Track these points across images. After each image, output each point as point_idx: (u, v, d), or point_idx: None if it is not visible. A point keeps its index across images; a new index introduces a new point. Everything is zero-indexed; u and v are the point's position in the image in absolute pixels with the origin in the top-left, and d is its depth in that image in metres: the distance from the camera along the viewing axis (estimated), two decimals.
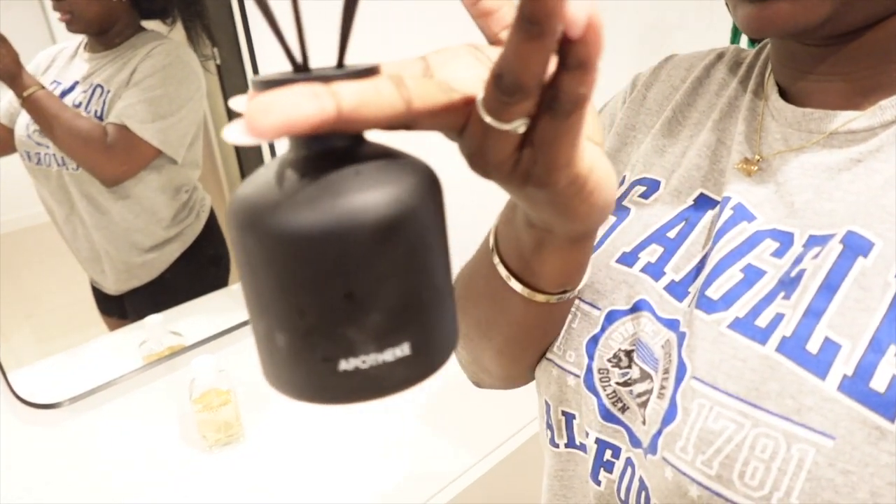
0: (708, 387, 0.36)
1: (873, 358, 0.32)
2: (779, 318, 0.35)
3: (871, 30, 0.37)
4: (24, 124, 0.83)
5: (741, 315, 0.36)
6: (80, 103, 0.85)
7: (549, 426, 0.47)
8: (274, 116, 0.18)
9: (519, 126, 0.23)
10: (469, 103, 0.23)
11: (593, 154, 0.27)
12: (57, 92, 0.84)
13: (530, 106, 0.22)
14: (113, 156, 0.88)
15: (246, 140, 0.19)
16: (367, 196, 0.19)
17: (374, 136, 0.23)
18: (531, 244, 0.35)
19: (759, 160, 0.42)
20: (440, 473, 0.81)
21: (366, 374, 0.21)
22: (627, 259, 0.43)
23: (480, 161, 0.25)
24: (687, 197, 0.44)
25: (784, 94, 0.43)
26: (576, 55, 0.21)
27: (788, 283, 0.36)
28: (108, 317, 0.93)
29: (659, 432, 0.37)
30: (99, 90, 0.86)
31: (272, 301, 0.21)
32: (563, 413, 0.45)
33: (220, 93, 0.94)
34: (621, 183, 0.48)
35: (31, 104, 0.82)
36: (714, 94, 0.49)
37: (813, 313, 0.34)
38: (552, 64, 0.21)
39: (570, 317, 0.44)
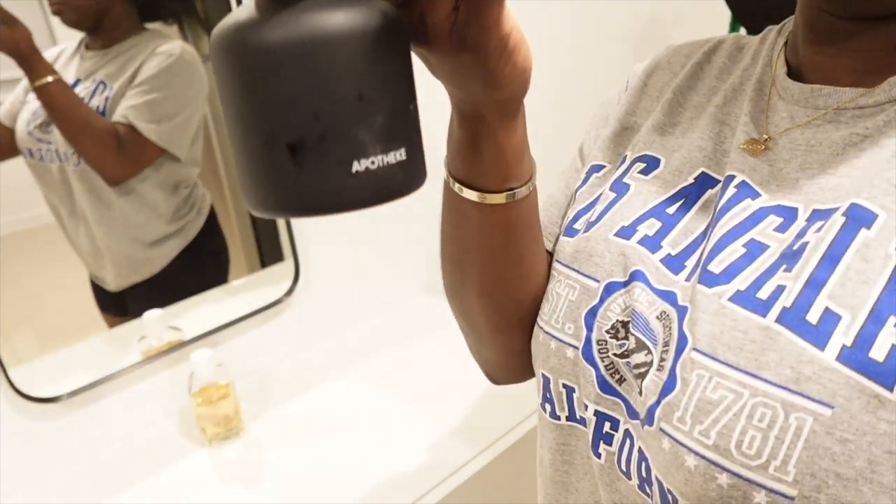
0: (708, 358, 0.36)
1: (873, 328, 0.32)
2: (780, 290, 0.35)
3: None
4: (24, 121, 0.83)
5: (742, 288, 0.37)
6: (83, 98, 0.85)
7: (549, 400, 0.47)
8: None
9: None
10: None
11: (512, 17, 0.32)
12: None
13: None
14: (122, 155, 0.88)
15: None
16: (354, 8, 0.22)
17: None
18: (468, 141, 0.39)
19: (766, 139, 0.42)
20: (440, 466, 0.81)
21: (375, 175, 0.23)
22: (625, 232, 0.44)
23: (422, 27, 0.29)
24: (688, 175, 0.45)
25: (792, 75, 0.43)
26: None
27: (791, 256, 0.36)
28: (107, 314, 0.93)
29: (657, 403, 0.38)
30: (101, 86, 0.86)
31: (283, 111, 0.22)
32: (564, 386, 0.46)
33: (198, 83, 0.94)
34: (622, 162, 0.49)
35: (45, 94, 0.81)
36: (715, 77, 0.49)
37: (814, 284, 0.34)
38: None
39: (567, 290, 0.45)
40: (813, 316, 0.33)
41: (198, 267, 0.99)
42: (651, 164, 0.47)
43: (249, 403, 0.97)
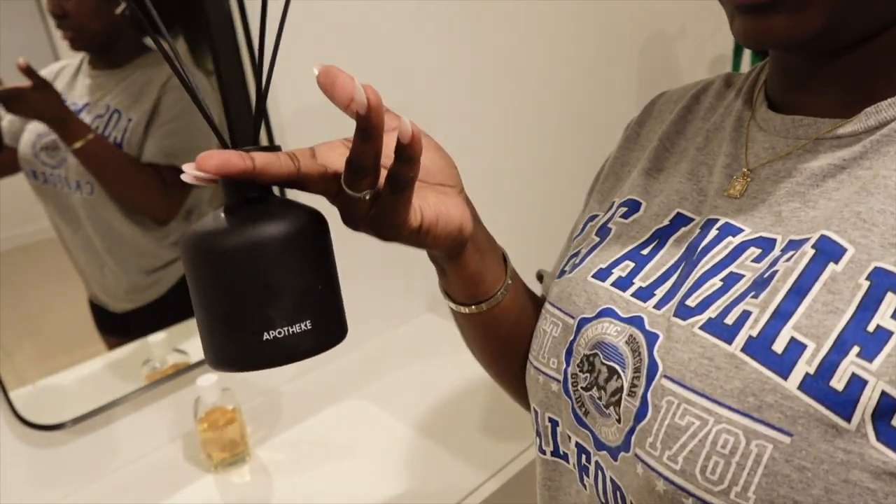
0: (677, 384, 0.37)
1: (836, 357, 0.32)
2: (745, 315, 0.36)
3: (864, 45, 0.37)
4: (29, 142, 0.82)
5: (713, 316, 0.38)
6: (97, 127, 0.84)
7: (539, 433, 0.50)
8: (214, 162, 0.30)
9: (366, 195, 0.35)
10: (336, 176, 0.35)
11: (438, 204, 0.40)
12: None
13: (371, 182, 0.34)
14: (168, 196, 0.90)
15: (193, 178, 0.31)
16: (273, 222, 0.31)
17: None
18: (439, 271, 0.47)
19: (747, 172, 0.43)
20: (447, 493, 0.80)
21: (281, 343, 0.31)
22: (601, 274, 0.46)
23: (345, 217, 0.37)
24: (664, 218, 0.47)
25: (774, 108, 0.44)
26: (405, 153, 0.33)
27: (760, 284, 0.37)
28: (107, 336, 0.91)
29: (632, 430, 0.39)
30: (116, 115, 0.84)
31: (214, 298, 0.31)
32: (550, 420, 0.48)
33: (222, 109, 0.94)
34: (610, 208, 0.51)
35: (84, 154, 0.82)
36: (701, 119, 0.51)
37: (781, 315, 0.35)
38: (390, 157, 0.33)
39: (552, 327, 0.48)
40: (778, 346, 0.34)
41: None
42: (632, 207, 0.49)
43: (255, 427, 0.95)
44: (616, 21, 1.39)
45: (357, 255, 1.08)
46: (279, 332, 0.31)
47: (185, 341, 0.96)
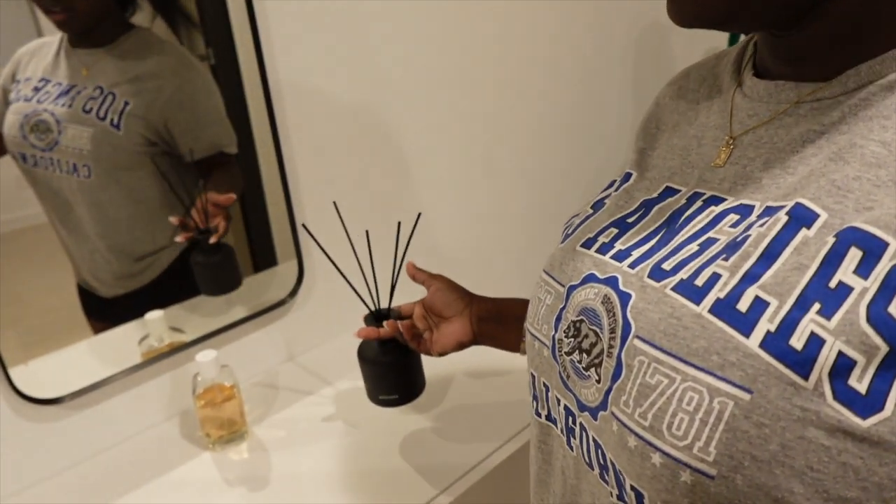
0: (647, 344, 0.38)
1: (797, 315, 0.33)
2: (715, 277, 0.37)
3: (817, 14, 0.37)
4: (16, 124, 0.79)
5: (685, 277, 0.39)
6: (91, 109, 0.82)
7: (535, 397, 0.52)
8: (362, 334, 0.76)
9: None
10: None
11: (447, 335, 0.74)
12: (49, 91, 0.80)
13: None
14: (236, 176, 0.96)
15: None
16: (387, 354, 0.78)
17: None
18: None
19: (729, 140, 0.44)
20: (447, 469, 0.81)
21: (384, 401, 0.79)
22: (588, 243, 0.48)
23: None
24: (653, 192, 0.48)
25: (761, 75, 0.45)
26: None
27: (732, 247, 0.38)
28: (95, 321, 0.89)
29: (609, 389, 0.41)
30: (111, 98, 0.82)
31: (365, 379, 0.80)
32: (544, 384, 0.50)
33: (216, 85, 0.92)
34: (609, 186, 0.54)
35: None
36: (693, 91, 0.52)
37: (749, 278, 0.36)
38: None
39: (546, 295, 0.50)
40: (743, 305, 0.35)
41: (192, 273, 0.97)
42: (624, 178, 0.52)
43: (253, 406, 0.96)
44: (611, 13, 1.40)
45: (353, 236, 1.08)
46: (383, 398, 0.79)
47: (181, 321, 0.95)
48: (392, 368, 0.77)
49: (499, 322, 0.73)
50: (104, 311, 0.90)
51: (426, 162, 1.17)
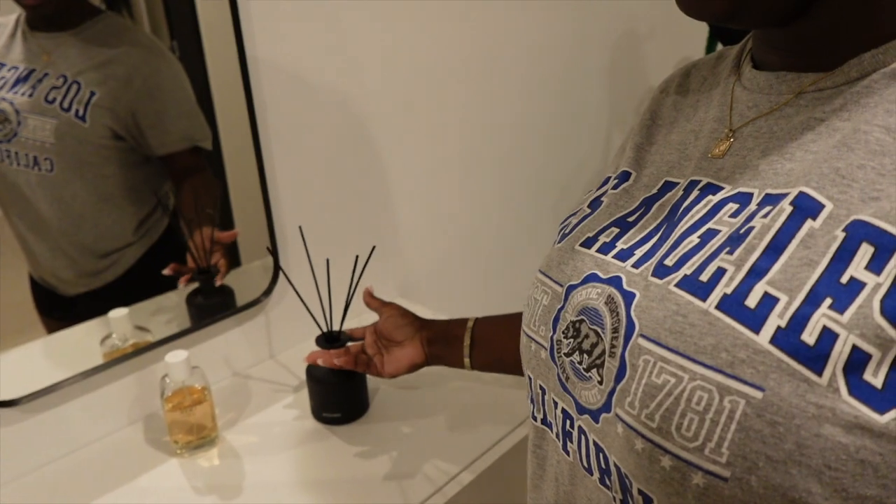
0: (652, 343, 0.37)
1: (808, 310, 0.32)
2: (720, 272, 0.36)
3: (818, 5, 0.38)
4: None
5: (689, 273, 0.38)
6: (55, 99, 0.77)
7: (532, 400, 0.51)
8: (312, 359, 0.85)
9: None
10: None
11: (399, 359, 0.82)
12: (5, 76, 0.75)
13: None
14: (209, 177, 0.90)
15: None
16: (333, 377, 0.87)
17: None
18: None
19: (729, 133, 0.43)
20: (426, 480, 0.79)
21: (327, 419, 0.88)
22: (588, 242, 0.47)
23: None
24: (653, 188, 0.47)
25: (760, 68, 0.45)
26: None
27: (735, 239, 0.37)
28: (50, 319, 0.85)
29: (613, 390, 0.39)
30: (76, 87, 0.77)
31: (311, 397, 0.90)
32: (540, 387, 0.49)
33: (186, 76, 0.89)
34: (605, 183, 0.53)
35: None
36: (694, 92, 0.52)
37: (756, 273, 0.35)
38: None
39: (542, 295, 0.49)
40: (752, 301, 0.34)
41: (160, 268, 0.93)
42: (622, 178, 0.51)
43: (224, 410, 0.92)
44: (587, 20, 1.41)
45: (330, 236, 1.06)
46: (326, 415, 0.87)
47: (148, 320, 0.91)
48: (338, 389, 0.86)
49: (446, 343, 0.80)
50: (63, 310, 0.86)
51: (403, 164, 1.16)
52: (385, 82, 1.08)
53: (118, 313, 0.87)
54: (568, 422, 0.45)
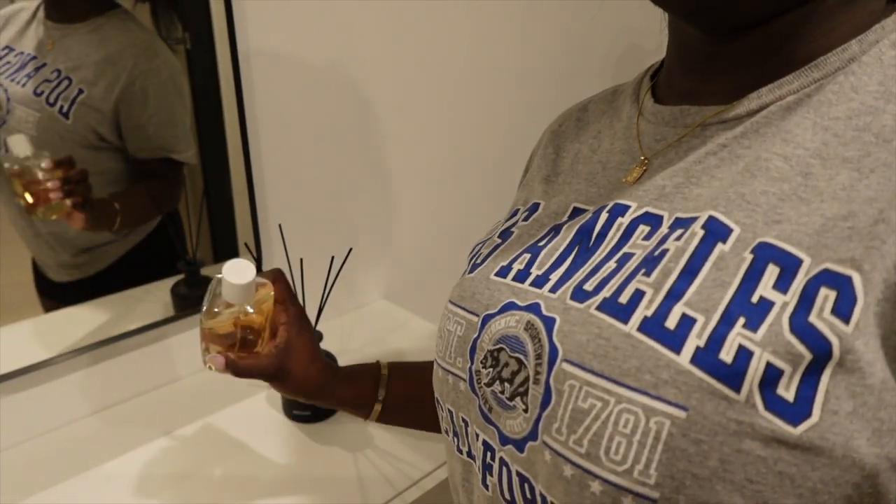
0: (577, 367, 0.38)
1: (723, 329, 0.33)
2: (639, 294, 0.37)
3: (760, 27, 0.39)
4: None
5: (608, 296, 0.39)
6: (43, 92, 0.77)
7: (456, 434, 0.50)
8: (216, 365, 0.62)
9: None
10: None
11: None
12: (10, 61, 0.77)
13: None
14: (175, 188, 0.90)
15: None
16: None
17: None
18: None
19: (644, 161, 0.45)
20: (386, 483, 0.80)
21: (298, 417, 0.89)
22: (503, 271, 0.47)
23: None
24: (562, 216, 0.48)
25: (662, 102, 0.47)
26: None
27: (650, 261, 0.38)
28: (45, 299, 0.87)
29: (539, 417, 0.39)
30: (66, 83, 0.78)
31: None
32: (463, 419, 0.48)
33: (187, 78, 0.90)
34: (514, 215, 0.54)
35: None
36: (593, 124, 0.54)
37: (674, 295, 0.36)
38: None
39: (456, 326, 0.48)
40: (671, 322, 0.35)
41: (147, 262, 0.95)
42: (532, 209, 0.52)
43: (199, 401, 0.94)
44: (593, 32, 1.41)
45: (321, 242, 1.07)
46: (297, 413, 0.89)
47: (130, 308, 0.93)
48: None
49: (354, 378, 0.69)
50: (54, 293, 0.88)
51: (394, 165, 1.17)
52: (377, 82, 1.09)
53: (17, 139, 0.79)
54: (489, 454, 0.45)
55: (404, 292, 1.26)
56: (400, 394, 0.69)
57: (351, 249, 0.88)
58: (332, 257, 0.86)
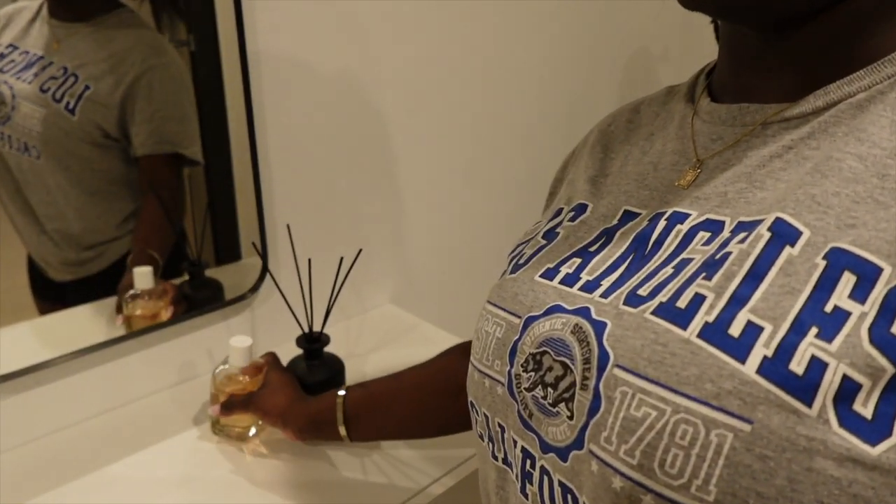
0: (630, 373, 0.36)
1: (794, 339, 0.31)
2: (698, 298, 0.35)
3: (813, 22, 0.37)
4: None
5: (664, 300, 0.37)
6: (49, 89, 0.77)
7: (491, 439, 0.48)
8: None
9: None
10: None
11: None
12: (15, 59, 0.76)
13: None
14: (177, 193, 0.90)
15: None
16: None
17: None
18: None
19: (697, 163, 0.43)
20: (393, 489, 0.78)
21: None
22: (549, 273, 0.45)
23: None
24: (612, 219, 0.46)
25: (718, 100, 0.44)
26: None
27: (711, 265, 0.36)
28: (42, 302, 0.86)
29: (585, 425, 0.37)
30: (72, 79, 0.78)
31: None
32: (499, 425, 0.46)
33: (190, 81, 0.89)
34: (557, 214, 0.51)
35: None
36: (645, 126, 0.51)
37: (737, 300, 0.34)
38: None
39: (495, 327, 0.46)
40: (735, 329, 0.33)
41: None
42: (579, 210, 0.49)
43: (202, 403, 0.93)
44: (602, 35, 1.40)
45: (329, 244, 1.06)
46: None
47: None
48: (317, 388, 0.84)
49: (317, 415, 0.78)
50: (52, 294, 0.87)
51: (404, 167, 1.16)
52: (389, 84, 1.08)
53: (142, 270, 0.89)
54: (528, 462, 0.43)
55: (412, 297, 1.25)
56: (358, 398, 0.74)
57: (361, 250, 0.86)
58: (342, 258, 0.85)
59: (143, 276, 0.89)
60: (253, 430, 0.84)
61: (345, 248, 1.08)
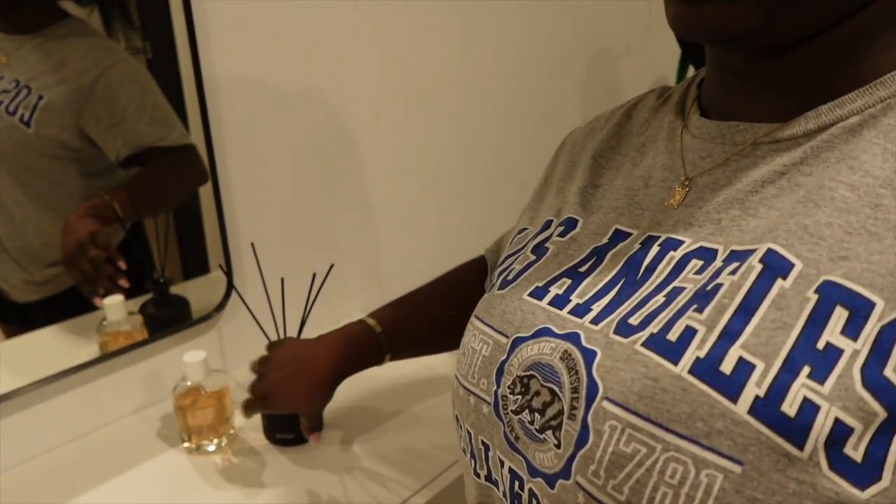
0: (619, 407, 0.35)
1: (786, 379, 0.31)
2: (690, 332, 0.34)
3: (801, 46, 0.36)
4: None
5: (655, 331, 0.36)
6: (2, 102, 0.74)
7: (473, 455, 0.47)
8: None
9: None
10: None
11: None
12: None
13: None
14: (196, 165, 0.89)
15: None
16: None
17: None
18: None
19: (685, 181, 0.42)
20: (386, 498, 0.77)
21: (281, 440, 0.85)
22: (538, 293, 0.44)
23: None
24: (602, 237, 0.45)
25: (708, 115, 0.43)
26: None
27: (703, 296, 0.35)
28: (6, 325, 0.83)
29: (573, 456, 0.37)
30: (25, 91, 0.75)
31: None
32: (482, 443, 0.45)
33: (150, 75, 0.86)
34: (547, 227, 0.50)
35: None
36: (636, 134, 0.50)
37: (729, 335, 0.33)
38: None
39: (482, 345, 0.45)
40: (727, 366, 0.32)
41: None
42: (569, 226, 0.48)
43: (174, 425, 0.90)
44: (564, 35, 1.41)
45: (297, 259, 1.04)
46: (279, 437, 0.85)
47: (100, 328, 0.89)
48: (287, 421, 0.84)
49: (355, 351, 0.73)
50: (15, 316, 0.84)
51: (370, 178, 1.15)
52: (352, 92, 1.07)
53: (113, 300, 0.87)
54: (517, 483, 0.42)
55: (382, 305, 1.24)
56: (388, 316, 0.72)
57: (332, 266, 0.85)
58: (314, 274, 0.84)
59: (114, 308, 0.86)
60: (224, 441, 0.85)
61: (316, 262, 1.06)
